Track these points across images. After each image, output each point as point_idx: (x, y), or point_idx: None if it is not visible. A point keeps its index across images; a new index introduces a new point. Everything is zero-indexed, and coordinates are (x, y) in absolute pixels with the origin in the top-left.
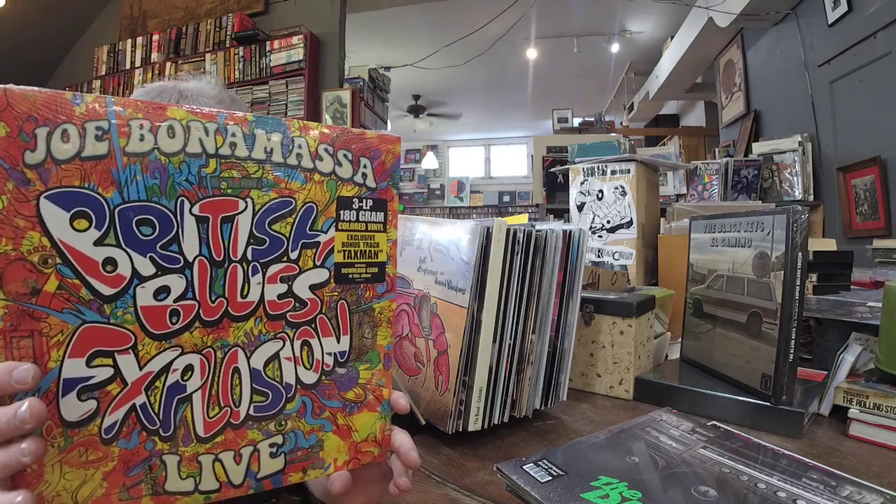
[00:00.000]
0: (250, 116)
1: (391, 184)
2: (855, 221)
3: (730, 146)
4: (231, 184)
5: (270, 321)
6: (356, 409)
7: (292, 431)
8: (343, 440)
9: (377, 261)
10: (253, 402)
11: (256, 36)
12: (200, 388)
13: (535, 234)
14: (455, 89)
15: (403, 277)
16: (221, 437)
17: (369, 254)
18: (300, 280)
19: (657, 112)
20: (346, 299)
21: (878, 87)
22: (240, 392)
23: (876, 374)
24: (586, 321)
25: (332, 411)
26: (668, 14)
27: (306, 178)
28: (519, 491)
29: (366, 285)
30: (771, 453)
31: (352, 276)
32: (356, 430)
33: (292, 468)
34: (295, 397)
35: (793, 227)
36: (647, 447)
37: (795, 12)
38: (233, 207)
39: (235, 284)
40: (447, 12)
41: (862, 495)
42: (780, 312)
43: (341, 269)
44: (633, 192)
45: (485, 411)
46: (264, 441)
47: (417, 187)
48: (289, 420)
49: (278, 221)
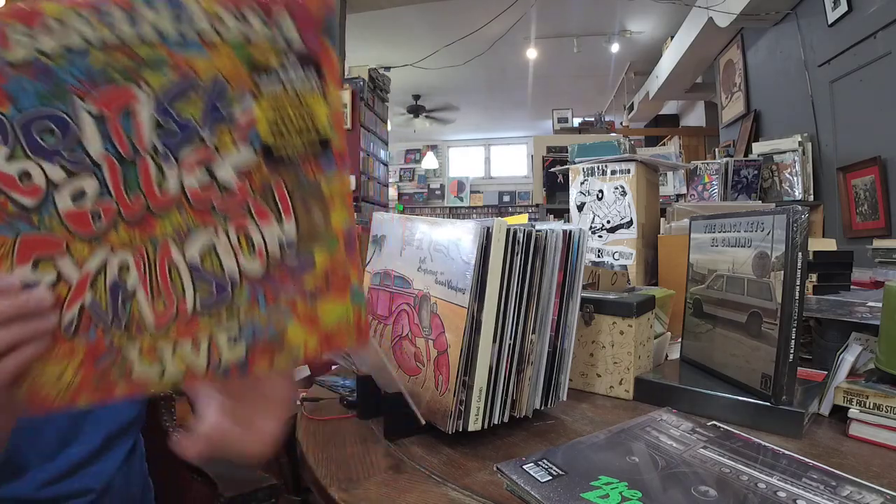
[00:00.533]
0: None
1: (324, 37)
2: (855, 221)
3: (730, 146)
4: (122, 72)
5: (197, 213)
6: (317, 297)
7: (249, 321)
8: (307, 328)
9: (316, 133)
10: (198, 293)
11: None
12: (140, 284)
13: (535, 234)
14: (455, 89)
15: (403, 277)
16: (174, 327)
17: (304, 126)
18: (221, 164)
19: (657, 112)
20: (284, 179)
21: (878, 87)
22: (181, 285)
23: (876, 374)
24: (586, 321)
25: (288, 301)
26: (668, 14)
27: (207, 49)
28: (519, 491)
29: (306, 163)
30: (771, 453)
31: (285, 153)
32: (322, 319)
33: (257, 356)
34: (243, 287)
35: (793, 227)
36: (647, 447)
37: (795, 12)
38: (128, 97)
39: (149, 178)
40: (447, 12)
41: (862, 495)
42: (780, 312)
43: (270, 147)
44: (633, 192)
45: (485, 411)
46: (220, 330)
47: (417, 187)
48: (240, 310)
49: (182, 103)
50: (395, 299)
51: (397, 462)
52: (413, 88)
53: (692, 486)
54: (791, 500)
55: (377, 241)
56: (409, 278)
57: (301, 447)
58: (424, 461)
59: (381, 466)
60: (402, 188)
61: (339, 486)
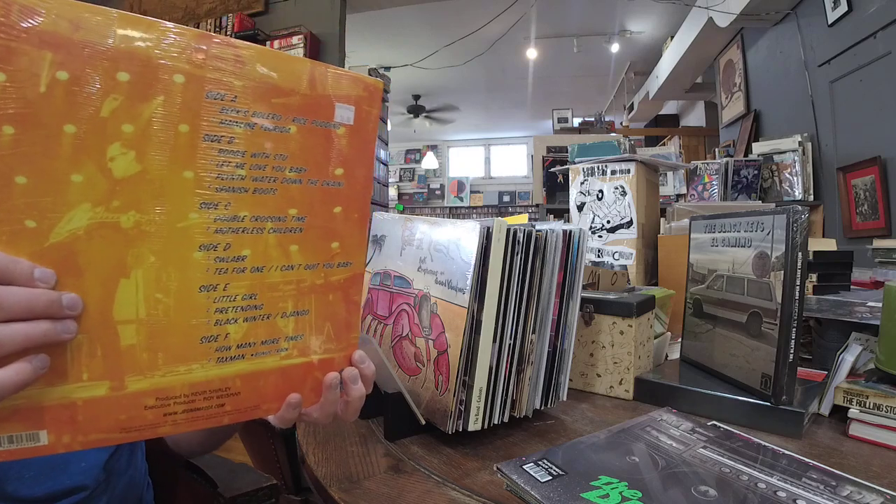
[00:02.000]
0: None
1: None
2: (855, 221)
3: (730, 146)
4: None
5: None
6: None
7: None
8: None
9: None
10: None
11: (256, 36)
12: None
13: (535, 234)
14: (455, 89)
15: (403, 277)
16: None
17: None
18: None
19: (657, 112)
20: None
21: (878, 87)
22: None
23: (876, 374)
24: (586, 321)
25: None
26: (668, 14)
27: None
28: (519, 491)
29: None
30: (771, 453)
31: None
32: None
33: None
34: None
35: (793, 227)
36: (647, 447)
37: (795, 12)
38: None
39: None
40: (447, 12)
41: (862, 495)
42: (780, 312)
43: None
44: (633, 192)
45: (485, 411)
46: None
47: (417, 187)
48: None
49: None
50: (395, 299)
51: (397, 462)
52: (413, 88)
53: (692, 485)
54: (791, 500)
55: (377, 241)
56: (409, 278)
57: (301, 447)
58: (424, 461)
59: (381, 466)
60: (402, 188)
61: (339, 486)
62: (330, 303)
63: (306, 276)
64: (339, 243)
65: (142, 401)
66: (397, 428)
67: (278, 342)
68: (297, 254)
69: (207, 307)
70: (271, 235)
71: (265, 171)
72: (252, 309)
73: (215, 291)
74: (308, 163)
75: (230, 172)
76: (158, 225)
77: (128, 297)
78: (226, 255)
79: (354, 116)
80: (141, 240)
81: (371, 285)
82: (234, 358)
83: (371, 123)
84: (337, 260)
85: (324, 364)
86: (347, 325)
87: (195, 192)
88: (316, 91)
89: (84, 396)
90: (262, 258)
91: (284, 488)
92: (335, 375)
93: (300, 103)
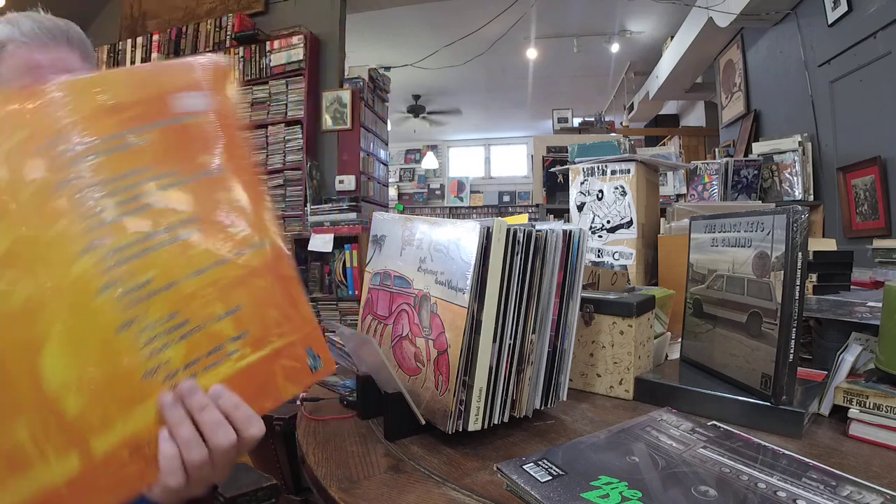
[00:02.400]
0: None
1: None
2: (855, 221)
3: (730, 146)
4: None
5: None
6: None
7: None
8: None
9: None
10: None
11: (256, 36)
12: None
13: (535, 234)
14: (455, 89)
15: (403, 277)
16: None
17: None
18: None
19: (657, 112)
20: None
21: (878, 87)
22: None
23: (876, 374)
24: (586, 321)
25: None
26: (668, 14)
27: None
28: (519, 490)
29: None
30: (771, 453)
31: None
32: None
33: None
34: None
35: (793, 227)
36: (647, 447)
37: (795, 12)
38: None
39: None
40: (447, 12)
41: (862, 495)
42: (780, 312)
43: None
44: (633, 192)
45: (485, 411)
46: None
47: (417, 187)
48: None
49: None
50: (395, 299)
51: (397, 462)
52: (413, 88)
53: (692, 485)
54: (791, 500)
55: (377, 241)
56: (409, 278)
57: (301, 447)
58: (424, 461)
59: (381, 466)
60: (402, 188)
61: (339, 486)
62: (262, 288)
63: (222, 273)
64: (241, 228)
65: (117, 457)
66: (397, 428)
67: (224, 347)
68: (202, 255)
69: (134, 343)
70: (167, 248)
71: (135, 190)
72: (180, 327)
73: (135, 325)
74: (176, 163)
75: (97, 206)
76: (49, 289)
77: (53, 368)
78: (129, 285)
79: (207, 100)
80: (39, 310)
81: (371, 285)
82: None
83: (227, 99)
84: (247, 244)
85: (287, 350)
86: (293, 303)
87: (70, 241)
88: (151, 93)
89: (63, 479)
90: (167, 274)
91: (284, 488)
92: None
93: (142, 112)
